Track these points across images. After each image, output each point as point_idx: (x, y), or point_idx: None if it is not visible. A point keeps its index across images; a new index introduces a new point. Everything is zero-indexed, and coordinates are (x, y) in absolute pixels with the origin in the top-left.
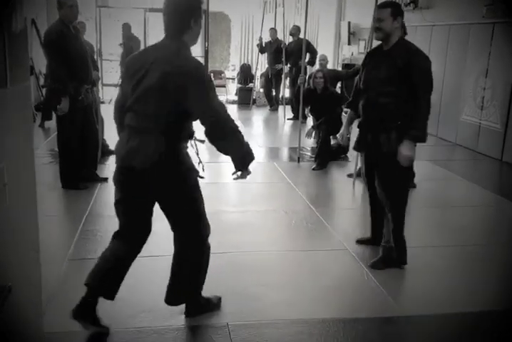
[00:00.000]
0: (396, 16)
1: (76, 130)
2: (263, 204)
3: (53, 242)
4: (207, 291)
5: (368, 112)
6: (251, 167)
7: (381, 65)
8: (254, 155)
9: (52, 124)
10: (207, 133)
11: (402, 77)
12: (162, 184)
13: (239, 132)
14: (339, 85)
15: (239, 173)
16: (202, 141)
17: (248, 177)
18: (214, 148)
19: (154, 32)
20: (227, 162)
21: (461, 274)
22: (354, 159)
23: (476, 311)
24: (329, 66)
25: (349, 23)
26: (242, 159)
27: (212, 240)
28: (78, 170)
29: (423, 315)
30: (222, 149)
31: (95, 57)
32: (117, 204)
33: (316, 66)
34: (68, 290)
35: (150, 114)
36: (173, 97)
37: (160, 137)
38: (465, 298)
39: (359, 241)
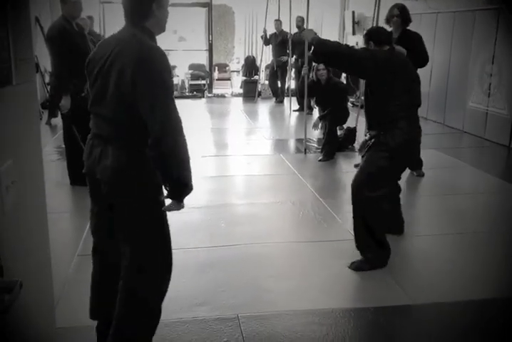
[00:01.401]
0: (375, 43)
1: (81, 127)
2: (270, 196)
3: (62, 238)
4: (218, 284)
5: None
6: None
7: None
8: (193, 187)
9: (59, 121)
10: (149, 144)
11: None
12: (119, 204)
13: (183, 154)
14: (344, 75)
15: (170, 203)
16: None
17: (183, 209)
18: (219, 142)
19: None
20: (232, 155)
21: (472, 262)
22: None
23: (486, 299)
24: None
25: (353, 12)
26: (176, 187)
27: (221, 233)
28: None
29: (432, 304)
30: (157, 167)
31: None
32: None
33: None
34: (79, 284)
35: (107, 118)
36: (128, 96)
37: (120, 146)
38: (474, 285)
39: None
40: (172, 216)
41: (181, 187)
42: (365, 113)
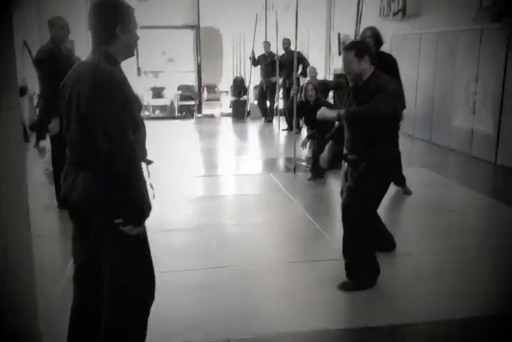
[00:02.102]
0: (363, 56)
1: None
2: (260, 216)
3: (49, 263)
4: (208, 306)
5: (346, 144)
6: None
7: (356, 101)
8: (147, 209)
9: (47, 143)
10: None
11: None
12: (94, 228)
13: (131, 176)
14: (330, 94)
15: (128, 228)
16: (150, 162)
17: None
18: (208, 162)
19: (145, 51)
20: (222, 175)
21: (462, 280)
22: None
23: (478, 316)
24: (321, 76)
25: (339, 33)
26: (133, 210)
27: (211, 254)
28: None
29: (423, 322)
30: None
31: None
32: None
33: (309, 77)
34: (66, 310)
35: (75, 142)
36: (86, 121)
37: (89, 170)
38: (466, 303)
39: None
40: (161, 238)
41: (135, 212)
42: (347, 139)
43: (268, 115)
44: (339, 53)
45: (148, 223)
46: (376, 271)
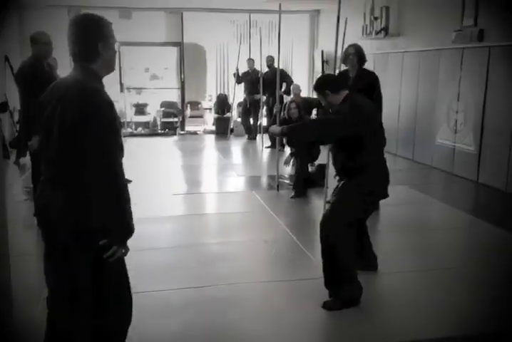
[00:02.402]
0: (323, 92)
1: None
2: (243, 235)
3: (28, 282)
4: (188, 328)
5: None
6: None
7: None
8: (133, 228)
9: (27, 160)
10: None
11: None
12: (65, 248)
13: (123, 197)
14: (314, 111)
15: (113, 249)
16: (128, 181)
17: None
18: (191, 179)
19: (129, 68)
20: (205, 193)
21: (444, 298)
22: (333, 186)
23: (461, 335)
24: (305, 94)
25: (322, 51)
26: (120, 230)
27: (192, 274)
28: None
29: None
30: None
31: None
32: None
33: (292, 95)
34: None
35: (52, 161)
36: (69, 140)
37: (65, 190)
38: (448, 322)
39: None
40: (141, 258)
41: (123, 231)
42: (334, 163)
43: (251, 132)
44: (322, 71)
45: (128, 242)
46: (358, 289)
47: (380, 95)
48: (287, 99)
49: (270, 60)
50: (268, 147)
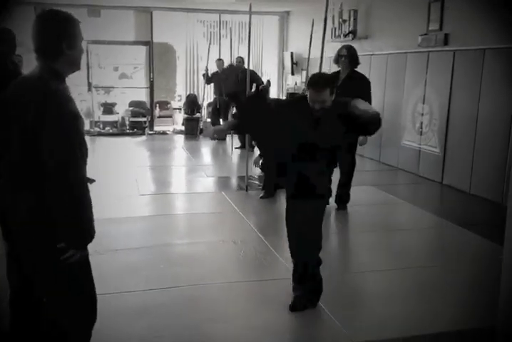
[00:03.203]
0: (333, 90)
1: None
2: (212, 235)
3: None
4: (154, 330)
5: None
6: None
7: None
8: (93, 233)
9: None
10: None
11: None
12: (26, 251)
13: (82, 199)
14: None
15: (70, 252)
16: (91, 180)
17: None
18: (159, 180)
19: (97, 66)
20: (173, 193)
21: (409, 297)
22: None
23: (430, 333)
24: (274, 95)
25: (292, 53)
26: (78, 235)
27: (159, 275)
28: None
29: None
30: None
31: None
32: None
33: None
34: None
35: (12, 162)
36: (28, 140)
37: (30, 193)
38: (417, 320)
39: None
40: (106, 258)
41: (80, 233)
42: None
43: None
44: (292, 73)
45: (92, 243)
46: (319, 286)
47: (370, 100)
48: None
49: (240, 62)
50: (237, 147)
